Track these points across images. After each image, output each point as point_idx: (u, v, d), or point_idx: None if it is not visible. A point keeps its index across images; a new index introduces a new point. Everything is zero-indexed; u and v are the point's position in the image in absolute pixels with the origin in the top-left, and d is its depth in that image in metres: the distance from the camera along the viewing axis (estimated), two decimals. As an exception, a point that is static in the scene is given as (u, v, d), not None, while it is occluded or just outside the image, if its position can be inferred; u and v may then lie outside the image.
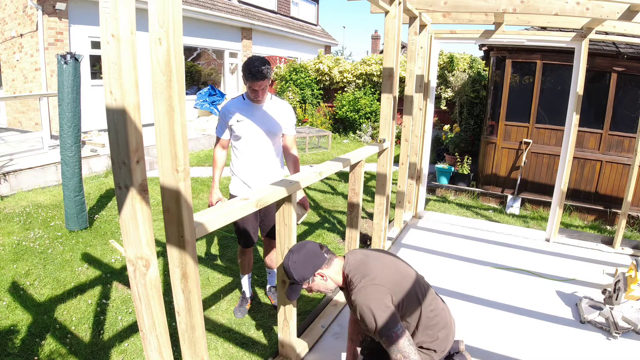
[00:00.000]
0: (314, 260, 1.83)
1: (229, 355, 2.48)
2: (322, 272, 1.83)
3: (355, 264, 1.85)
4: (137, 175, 1.24)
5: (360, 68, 10.66)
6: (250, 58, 2.42)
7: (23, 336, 2.55)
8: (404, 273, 1.87)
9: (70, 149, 4.05)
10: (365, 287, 1.71)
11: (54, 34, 7.96)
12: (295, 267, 1.82)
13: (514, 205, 5.66)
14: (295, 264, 1.82)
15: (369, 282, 1.73)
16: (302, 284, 1.85)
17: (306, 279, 1.83)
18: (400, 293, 1.76)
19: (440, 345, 1.86)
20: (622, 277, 2.97)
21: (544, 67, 5.71)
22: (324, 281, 1.85)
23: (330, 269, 1.85)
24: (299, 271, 1.82)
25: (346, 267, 1.86)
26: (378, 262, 1.85)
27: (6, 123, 9.68)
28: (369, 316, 1.65)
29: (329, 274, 1.85)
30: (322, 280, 1.85)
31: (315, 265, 1.82)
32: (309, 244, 1.90)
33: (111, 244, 3.37)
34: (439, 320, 1.87)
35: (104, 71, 1.17)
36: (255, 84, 2.41)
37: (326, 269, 1.84)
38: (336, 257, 1.91)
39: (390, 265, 1.87)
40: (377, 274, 1.77)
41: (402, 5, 3.25)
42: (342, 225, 4.72)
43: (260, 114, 2.56)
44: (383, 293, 1.70)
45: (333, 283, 1.87)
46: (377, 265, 1.82)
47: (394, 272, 1.83)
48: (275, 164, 2.68)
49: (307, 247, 1.87)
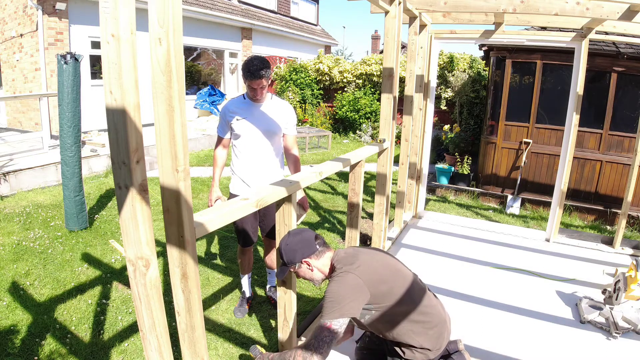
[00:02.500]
0: (304, 248, 1.87)
1: (229, 355, 2.48)
2: (309, 262, 1.88)
3: (345, 255, 1.90)
4: (137, 175, 1.24)
5: (360, 68, 10.66)
6: (249, 57, 2.46)
7: (23, 336, 2.55)
8: (394, 269, 1.91)
9: (70, 149, 4.05)
10: (343, 274, 1.78)
11: (54, 34, 7.96)
12: (286, 249, 1.89)
13: (514, 205, 5.66)
14: (287, 246, 1.89)
15: (348, 269, 1.79)
16: (289, 267, 1.91)
17: (293, 263, 1.88)
18: (383, 287, 1.80)
19: (433, 343, 1.88)
20: (622, 277, 2.97)
21: (544, 67, 5.71)
22: (310, 270, 1.90)
23: (318, 261, 1.90)
24: (289, 254, 1.88)
25: (335, 257, 1.92)
26: (367, 257, 1.89)
27: (6, 123, 9.68)
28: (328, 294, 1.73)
29: (316, 264, 1.89)
30: (308, 268, 1.90)
31: (304, 254, 1.87)
32: (306, 232, 1.95)
33: (111, 244, 3.37)
34: (432, 319, 1.89)
35: (104, 71, 1.17)
36: (254, 82, 2.43)
37: (314, 259, 1.89)
38: (329, 250, 1.95)
39: (378, 260, 1.91)
40: (360, 265, 1.81)
41: (402, 5, 3.25)
42: (342, 225, 4.72)
43: (259, 114, 2.58)
44: (355, 283, 1.74)
45: (320, 274, 1.92)
46: (364, 259, 1.86)
47: (381, 267, 1.87)
48: (274, 164, 2.69)
49: (303, 234, 1.92)
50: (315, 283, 1.95)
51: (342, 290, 1.72)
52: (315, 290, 3.23)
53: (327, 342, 1.64)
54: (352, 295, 1.72)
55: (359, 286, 1.74)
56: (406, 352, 1.91)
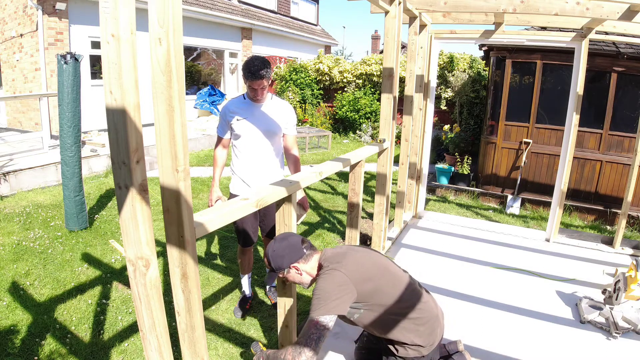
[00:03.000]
0: (292, 254, 1.88)
1: (229, 355, 2.48)
2: (297, 266, 1.89)
3: (332, 254, 1.92)
4: (137, 175, 1.24)
5: (360, 68, 10.66)
6: (250, 57, 2.47)
7: (23, 336, 2.55)
8: (382, 267, 1.93)
9: (70, 149, 4.05)
10: (330, 271, 1.80)
11: (54, 34, 7.96)
12: (274, 256, 1.89)
13: (514, 205, 5.66)
14: (275, 252, 1.89)
15: (335, 267, 1.81)
16: (278, 273, 1.92)
17: (282, 269, 1.89)
18: (369, 284, 1.82)
19: (425, 339, 1.89)
20: (622, 277, 2.97)
21: (544, 67, 5.71)
22: (299, 275, 1.92)
23: (307, 264, 1.91)
24: (276, 261, 1.88)
25: (322, 257, 1.94)
26: (355, 255, 1.91)
27: (6, 123, 9.68)
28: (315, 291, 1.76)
29: (304, 268, 1.91)
30: (297, 273, 1.91)
31: (292, 259, 1.88)
32: (292, 237, 1.94)
33: (111, 244, 3.37)
34: (423, 314, 1.90)
35: (104, 71, 1.17)
36: (255, 82, 2.44)
37: (302, 263, 1.90)
38: (316, 252, 1.97)
39: (366, 258, 1.92)
40: (347, 263, 1.83)
41: (402, 5, 3.25)
42: (342, 225, 4.72)
43: (259, 114, 2.59)
44: (341, 280, 1.76)
45: (308, 277, 1.93)
46: (352, 256, 1.88)
47: (369, 265, 1.89)
48: (274, 164, 2.69)
49: (289, 240, 1.92)
50: (304, 286, 1.96)
51: (328, 286, 1.75)
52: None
53: (314, 338, 1.67)
54: (338, 292, 1.74)
55: (345, 283, 1.76)
56: (399, 349, 1.92)
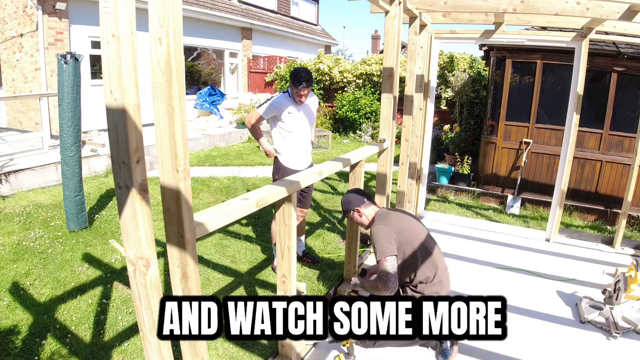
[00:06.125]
0: (356, 201, 2.62)
1: (229, 355, 2.48)
2: (359, 209, 2.59)
3: (384, 212, 2.57)
4: (137, 175, 1.24)
5: (360, 68, 10.66)
6: (297, 69, 3.11)
7: (23, 336, 2.56)
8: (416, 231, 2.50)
9: (70, 148, 4.05)
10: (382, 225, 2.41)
11: (54, 33, 7.96)
12: (344, 201, 2.67)
13: (514, 205, 5.66)
14: (345, 199, 2.66)
15: (385, 223, 2.42)
16: (347, 215, 2.67)
17: (349, 211, 2.62)
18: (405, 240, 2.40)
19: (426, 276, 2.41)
20: (622, 277, 2.97)
21: (544, 67, 5.71)
22: (359, 217, 2.60)
23: (366, 209, 2.59)
24: (345, 205, 2.65)
25: (378, 211, 2.59)
26: (399, 216, 2.53)
27: (6, 123, 9.68)
28: (375, 241, 2.35)
29: (364, 211, 2.59)
30: (358, 215, 2.60)
31: (355, 204, 2.61)
32: (358, 190, 2.73)
33: (111, 244, 3.37)
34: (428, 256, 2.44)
35: (104, 71, 1.17)
36: (302, 90, 3.07)
37: (363, 208, 2.59)
38: (374, 204, 2.66)
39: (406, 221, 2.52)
40: (392, 221, 2.44)
41: (402, 5, 3.25)
42: (342, 225, 4.72)
43: (305, 109, 3.31)
44: (390, 232, 2.37)
45: (366, 219, 2.59)
46: (397, 217, 2.50)
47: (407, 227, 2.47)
48: (309, 145, 3.50)
49: (357, 192, 2.70)
50: (363, 226, 2.63)
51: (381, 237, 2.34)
52: (314, 289, 3.24)
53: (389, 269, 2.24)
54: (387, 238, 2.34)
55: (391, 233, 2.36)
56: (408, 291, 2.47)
